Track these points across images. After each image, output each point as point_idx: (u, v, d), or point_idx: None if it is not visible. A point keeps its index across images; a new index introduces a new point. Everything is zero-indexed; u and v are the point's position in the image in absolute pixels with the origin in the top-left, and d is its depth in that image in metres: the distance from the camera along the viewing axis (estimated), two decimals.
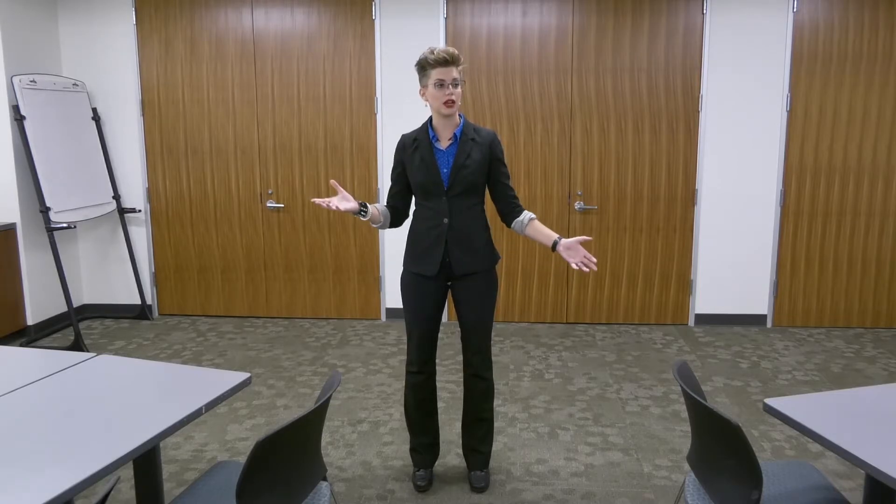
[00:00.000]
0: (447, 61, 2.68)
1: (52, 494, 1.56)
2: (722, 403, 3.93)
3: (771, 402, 2.10)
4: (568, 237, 2.83)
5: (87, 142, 5.33)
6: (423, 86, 2.76)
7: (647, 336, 5.15)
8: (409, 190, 2.94)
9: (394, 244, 5.48)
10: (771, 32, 5.01)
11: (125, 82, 5.46)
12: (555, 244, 2.78)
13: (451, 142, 2.83)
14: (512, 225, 2.92)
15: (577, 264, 2.71)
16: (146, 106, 5.50)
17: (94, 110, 5.45)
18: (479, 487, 3.02)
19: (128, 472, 3.13)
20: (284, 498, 1.94)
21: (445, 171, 2.82)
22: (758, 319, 5.36)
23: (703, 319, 5.39)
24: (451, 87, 2.70)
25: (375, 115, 5.33)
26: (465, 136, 2.83)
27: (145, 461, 2.25)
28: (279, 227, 5.56)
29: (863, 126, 5.06)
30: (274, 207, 5.53)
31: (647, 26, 5.07)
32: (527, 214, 2.89)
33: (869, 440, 1.86)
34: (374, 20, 5.23)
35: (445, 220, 2.84)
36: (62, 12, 5.43)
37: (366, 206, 2.77)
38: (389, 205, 2.98)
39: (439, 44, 5.18)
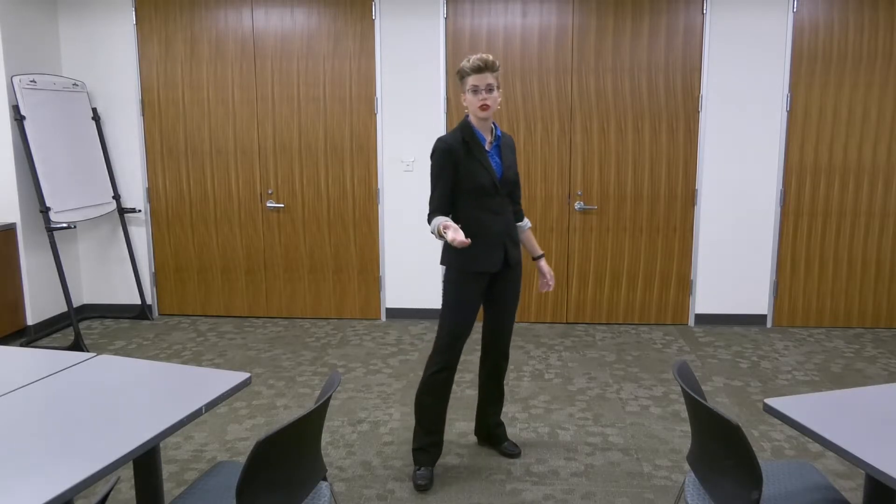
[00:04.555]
0: (481, 68, 2.85)
1: (52, 494, 1.56)
2: (722, 403, 3.93)
3: (771, 402, 2.10)
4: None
5: (87, 142, 5.34)
6: (463, 91, 2.94)
7: (647, 336, 5.15)
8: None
9: (393, 244, 5.48)
10: (771, 32, 5.01)
11: (125, 82, 5.46)
12: (538, 257, 3.25)
13: (492, 143, 3.01)
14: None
15: (544, 284, 3.24)
16: (146, 106, 5.50)
17: (94, 110, 5.45)
18: (517, 452, 3.33)
19: (128, 472, 3.13)
20: (284, 498, 1.94)
21: (497, 170, 3.00)
22: (758, 319, 5.36)
23: (702, 319, 5.39)
24: (484, 92, 2.86)
25: (375, 115, 5.33)
26: (503, 139, 3.07)
27: (145, 461, 2.25)
28: (279, 227, 5.56)
29: (863, 126, 5.06)
30: (274, 207, 5.53)
31: (647, 26, 5.07)
32: (527, 222, 3.23)
33: (869, 440, 1.86)
34: (373, 20, 5.23)
35: (500, 218, 3.02)
36: (62, 12, 5.43)
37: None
38: (443, 211, 2.95)
39: (439, 44, 5.19)
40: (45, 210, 4.84)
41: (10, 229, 5.00)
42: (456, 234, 2.63)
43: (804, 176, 5.16)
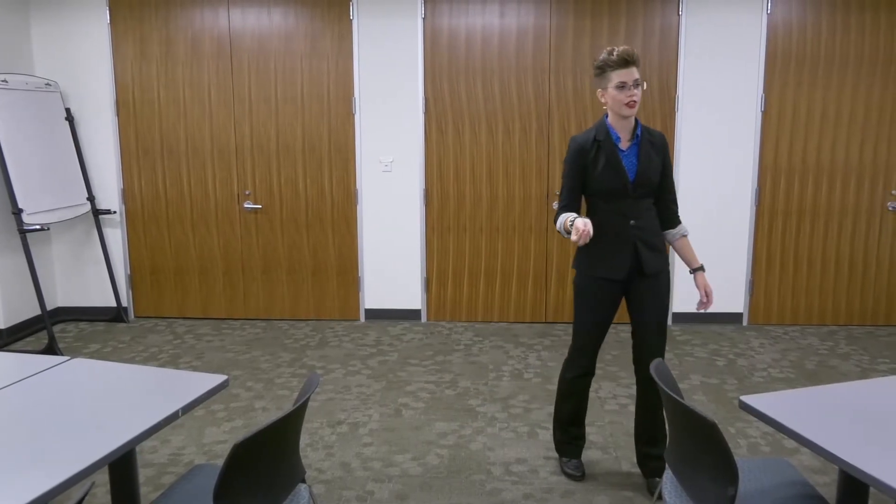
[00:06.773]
0: (627, 62, 2.68)
1: (26, 500, 1.54)
2: (699, 401, 3.97)
3: (747, 399, 2.12)
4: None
5: (60, 142, 5.26)
6: (603, 88, 2.76)
7: (625, 335, 5.18)
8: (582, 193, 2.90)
9: (372, 244, 5.47)
10: (745, 33, 5.07)
11: (99, 82, 5.40)
12: (694, 269, 2.94)
13: (630, 142, 2.83)
14: (664, 232, 2.96)
15: (701, 304, 2.91)
16: (121, 106, 5.43)
17: (68, 111, 5.37)
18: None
19: (103, 477, 3.09)
20: (263, 501, 1.93)
21: (631, 172, 2.81)
22: (734, 318, 5.42)
23: (680, 318, 5.44)
24: (632, 88, 2.70)
25: (353, 115, 5.32)
26: (644, 137, 2.84)
27: (121, 465, 2.23)
28: (257, 227, 5.52)
29: (835, 126, 5.13)
30: (251, 208, 5.49)
31: (623, 27, 5.11)
32: (682, 228, 2.95)
33: (842, 436, 1.89)
34: (351, 20, 5.21)
35: (633, 222, 2.82)
36: (34, 11, 5.35)
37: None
38: (571, 210, 2.86)
39: (417, 44, 5.18)
40: (17, 212, 4.76)
41: None
42: (579, 233, 2.47)
43: (779, 175, 5.22)
